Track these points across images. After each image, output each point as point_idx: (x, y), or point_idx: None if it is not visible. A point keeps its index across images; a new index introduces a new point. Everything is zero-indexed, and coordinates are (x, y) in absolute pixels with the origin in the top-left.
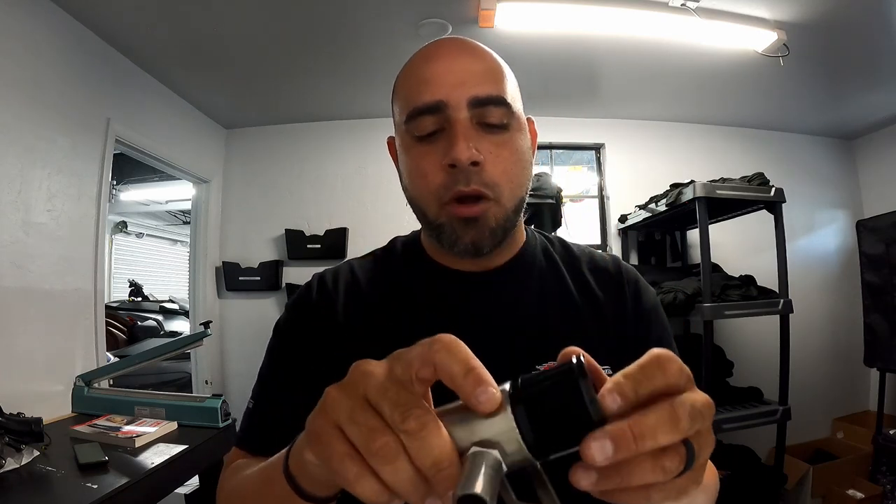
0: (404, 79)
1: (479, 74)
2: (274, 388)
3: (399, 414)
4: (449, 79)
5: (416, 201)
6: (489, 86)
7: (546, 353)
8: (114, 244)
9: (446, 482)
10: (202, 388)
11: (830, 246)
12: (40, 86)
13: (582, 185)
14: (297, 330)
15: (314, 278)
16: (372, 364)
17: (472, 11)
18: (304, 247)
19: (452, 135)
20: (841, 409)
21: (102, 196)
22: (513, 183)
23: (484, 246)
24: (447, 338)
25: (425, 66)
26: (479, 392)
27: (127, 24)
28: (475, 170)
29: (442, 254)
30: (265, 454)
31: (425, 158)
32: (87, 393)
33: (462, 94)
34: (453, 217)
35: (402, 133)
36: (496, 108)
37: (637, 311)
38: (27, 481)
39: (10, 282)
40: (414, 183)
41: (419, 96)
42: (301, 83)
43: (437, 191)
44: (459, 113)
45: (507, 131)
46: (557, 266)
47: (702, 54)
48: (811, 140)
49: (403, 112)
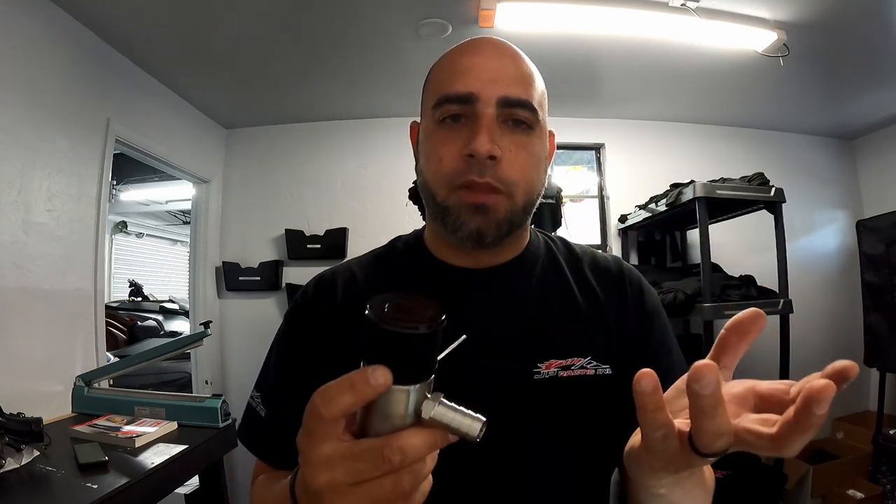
0: (439, 68)
1: (512, 77)
2: (287, 403)
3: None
4: (483, 74)
5: (426, 184)
6: (520, 89)
7: (546, 352)
8: (114, 244)
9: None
10: (202, 388)
11: (830, 246)
12: (40, 86)
13: (582, 185)
14: (300, 336)
15: (312, 281)
16: (304, 449)
17: (472, 11)
18: (304, 247)
19: (477, 127)
20: (841, 409)
21: (102, 196)
22: (527, 183)
23: (488, 234)
24: (317, 393)
25: (462, 58)
26: (369, 379)
27: (127, 24)
28: (491, 164)
29: (444, 250)
30: (287, 468)
31: (445, 144)
32: (87, 393)
33: (493, 91)
34: (461, 202)
35: (427, 118)
36: (523, 111)
37: (639, 312)
38: (27, 481)
39: (10, 282)
40: (429, 166)
41: (452, 85)
42: (301, 83)
43: (449, 175)
44: (487, 108)
45: (529, 134)
46: (560, 266)
47: (702, 54)
48: (811, 140)
49: (433, 98)
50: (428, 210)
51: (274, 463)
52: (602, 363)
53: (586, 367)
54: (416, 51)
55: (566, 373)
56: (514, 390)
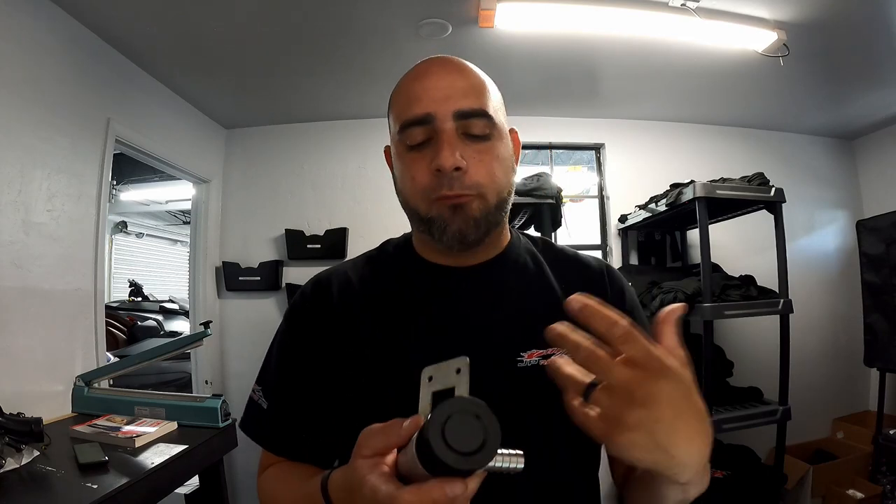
0: (396, 95)
1: (463, 90)
2: (289, 396)
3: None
4: (436, 94)
5: (407, 202)
6: (472, 100)
7: (528, 342)
8: (114, 244)
9: None
10: (202, 388)
11: (830, 246)
12: (40, 86)
13: (582, 185)
14: (299, 335)
15: (309, 283)
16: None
17: (472, 11)
18: (304, 247)
19: (438, 143)
20: (841, 409)
21: (102, 196)
22: (495, 183)
23: (469, 234)
24: (364, 433)
25: (415, 83)
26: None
27: (127, 24)
28: (458, 175)
29: (431, 251)
30: (295, 458)
31: (415, 164)
32: (87, 393)
33: (448, 108)
34: (441, 207)
35: (395, 143)
36: (479, 120)
37: (618, 306)
38: (27, 481)
39: (10, 282)
40: (405, 186)
41: (410, 110)
42: (301, 83)
43: (425, 190)
44: (445, 124)
45: (489, 140)
46: (540, 263)
47: (702, 54)
48: (811, 140)
49: (397, 124)
50: (413, 223)
51: (278, 451)
52: None
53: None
54: (416, 51)
55: (547, 361)
56: (499, 378)
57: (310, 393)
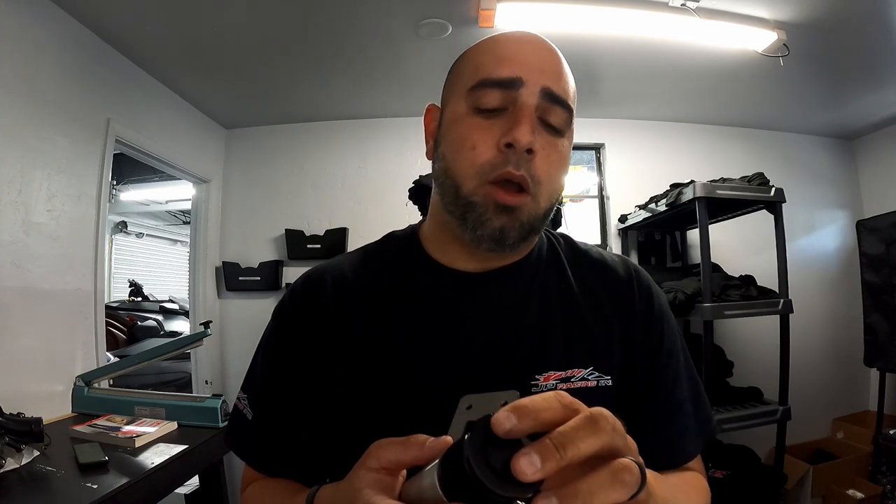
0: (478, 51)
1: (556, 72)
2: (275, 406)
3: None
4: (532, 61)
5: (450, 172)
6: (562, 85)
7: (544, 363)
8: (114, 244)
9: None
10: (202, 388)
11: (830, 246)
12: (40, 86)
13: (582, 185)
14: (287, 336)
15: (300, 279)
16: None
17: (472, 11)
18: (304, 247)
19: (520, 116)
20: (841, 409)
21: (102, 196)
22: (552, 185)
23: (510, 236)
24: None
25: (508, 44)
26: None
27: (127, 24)
28: (528, 157)
29: (447, 249)
30: (280, 475)
31: (480, 132)
32: (87, 393)
33: (539, 80)
34: (491, 199)
35: (459, 101)
36: (562, 110)
37: (647, 318)
38: (27, 481)
39: (10, 282)
40: (457, 153)
41: (496, 69)
42: (301, 83)
43: (483, 166)
44: (531, 97)
45: (562, 136)
46: (563, 269)
47: (702, 54)
48: (811, 140)
49: (472, 80)
50: (444, 201)
51: (263, 469)
52: (604, 374)
53: (588, 378)
54: (416, 51)
55: (566, 385)
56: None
57: (299, 401)
